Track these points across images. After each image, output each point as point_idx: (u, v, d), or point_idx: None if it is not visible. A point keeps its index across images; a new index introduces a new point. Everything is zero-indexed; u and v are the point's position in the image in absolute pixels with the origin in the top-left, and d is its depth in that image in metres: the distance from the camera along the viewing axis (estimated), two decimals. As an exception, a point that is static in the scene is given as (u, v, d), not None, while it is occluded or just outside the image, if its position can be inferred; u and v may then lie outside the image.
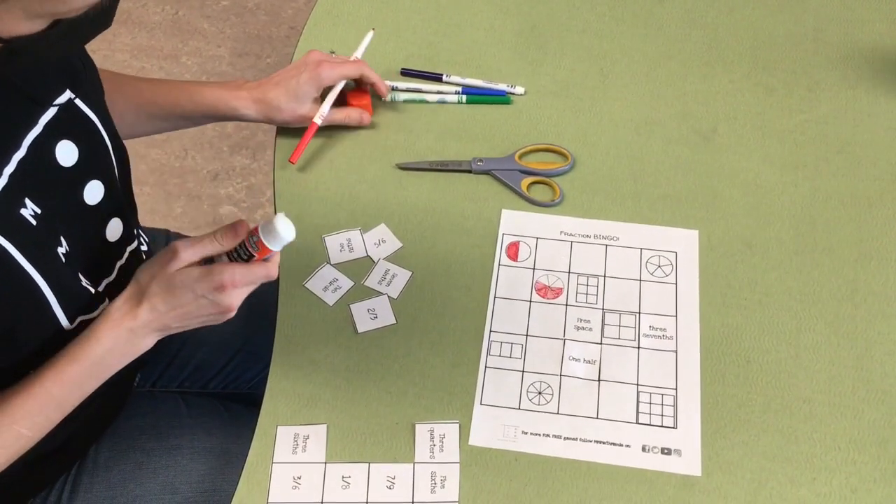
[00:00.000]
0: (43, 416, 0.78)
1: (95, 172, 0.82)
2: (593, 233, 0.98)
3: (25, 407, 0.76)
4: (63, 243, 0.77)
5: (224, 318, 0.80)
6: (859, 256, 0.95)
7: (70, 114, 0.79)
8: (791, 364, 0.88)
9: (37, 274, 0.73)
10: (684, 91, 1.11)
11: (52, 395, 0.77)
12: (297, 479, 0.82)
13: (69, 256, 0.78)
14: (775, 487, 0.80)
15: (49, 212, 0.75)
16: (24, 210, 0.73)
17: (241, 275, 0.77)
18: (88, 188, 0.81)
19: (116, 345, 0.78)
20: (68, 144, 0.78)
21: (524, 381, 0.88)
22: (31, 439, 0.78)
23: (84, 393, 0.79)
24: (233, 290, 0.77)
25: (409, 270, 0.96)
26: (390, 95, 1.09)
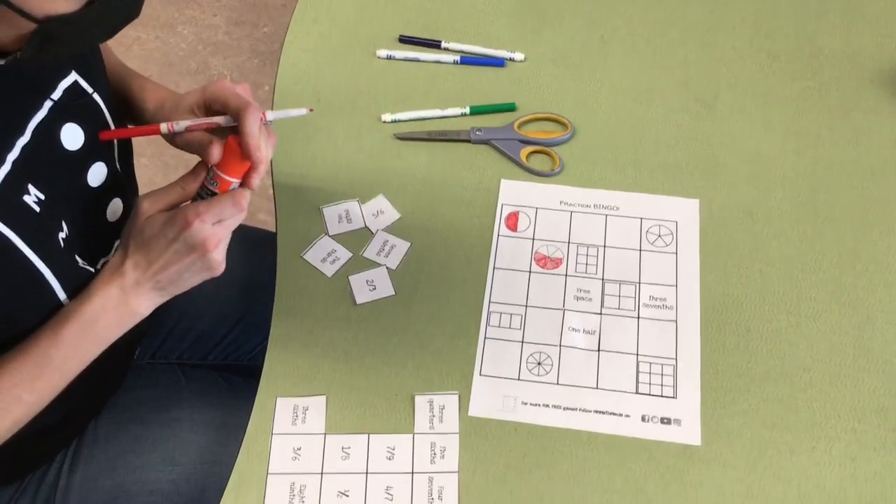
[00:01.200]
0: (43, 381, 0.77)
1: (99, 155, 0.80)
2: (593, 202, 0.97)
3: (24, 369, 0.76)
4: (63, 228, 0.76)
5: (211, 266, 0.76)
6: (861, 225, 0.94)
7: (75, 96, 0.77)
8: (791, 333, 0.87)
9: (39, 261, 0.72)
10: (685, 58, 1.09)
11: (50, 357, 0.76)
12: (297, 450, 0.82)
13: (67, 240, 0.77)
14: (775, 456, 0.80)
15: (52, 197, 0.74)
16: (28, 196, 0.71)
17: (204, 206, 0.74)
18: (92, 170, 0.80)
19: (108, 303, 0.77)
20: (74, 128, 0.76)
21: (524, 351, 0.87)
22: (32, 405, 0.77)
23: (81, 357, 0.78)
24: (201, 226, 0.73)
25: (407, 241, 0.95)
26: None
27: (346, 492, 0.80)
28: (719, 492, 0.79)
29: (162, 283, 0.77)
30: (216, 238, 0.75)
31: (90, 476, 0.91)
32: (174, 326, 1.07)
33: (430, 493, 0.79)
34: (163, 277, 0.76)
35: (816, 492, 0.78)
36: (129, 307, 0.78)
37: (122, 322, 0.78)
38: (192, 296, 1.07)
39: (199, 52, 2.27)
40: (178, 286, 0.78)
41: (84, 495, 0.90)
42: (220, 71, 2.22)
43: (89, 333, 0.77)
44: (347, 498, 0.79)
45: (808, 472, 0.79)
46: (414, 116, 1.05)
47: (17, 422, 0.77)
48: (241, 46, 2.28)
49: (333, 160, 1.02)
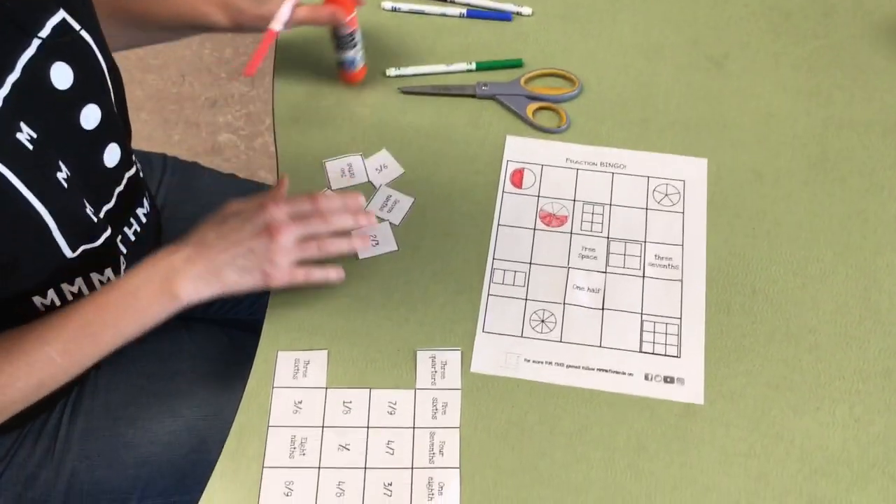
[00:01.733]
0: (75, 344, 0.76)
1: (91, 96, 0.79)
2: (600, 160, 0.96)
3: (60, 329, 0.76)
4: (62, 168, 0.75)
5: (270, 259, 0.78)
6: (871, 186, 0.93)
7: (64, 35, 0.76)
8: (797, 294, 0.87)
9: (35, 199, 0.71)
10: (696, 15, 1.07)
11: (87, 321, 0.76)
12: (298, 404, 0.81)
13: (70, 181, 0.76)
14: (777, 416, 0.80)
15: (45, 136, 0.73)
16: (20, 134, 0.71)
17: (284, 200, 0.78)
18: (85, 112, 0.79)
19: (153, 276, 0.78)
20: (63, 66, 0.75)
21: (527, 309, 0.87)
22: (61, 368, 0.76)
23: (119, 329, 0.78)
24: (275, 210, 0.77)
25: (411, 197, 0.94)
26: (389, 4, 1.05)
27: (346, 445, 0.79)
28: (721, 450, 0.78)
29: (215, 265, 0.77)
30: (286, 227, 0.77)
31: (91, 426, 0.91)
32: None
33: (432, 448, 0.79)
34: (218, 255, 0.77)
35: (819, 452, 0.78)
36: (172, 286, 0.77)
37: (161, 300, 0.78)
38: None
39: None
40: (229, 275, 0.78)
41: (84, 444, 0.90)
42: (221, 26, 2.19)
43: (129, 306, 0.77)
44: (348, 451, 0.79)
45: (811, 433, 0.79)
46: (419, 72, 1.03)
47: (42, 384, 0.77)
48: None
49: (337, 114, 1.00)
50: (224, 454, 0.79)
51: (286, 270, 0.79)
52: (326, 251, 0.81)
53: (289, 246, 0.79)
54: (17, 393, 0.76)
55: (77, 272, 0.81)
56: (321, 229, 0.80)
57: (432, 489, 0.77)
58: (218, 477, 0.78)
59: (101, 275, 0.84)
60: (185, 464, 0.92)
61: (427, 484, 0.77)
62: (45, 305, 0.79)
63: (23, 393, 0.76)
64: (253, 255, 0.78)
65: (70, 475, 0.90)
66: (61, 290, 0.80)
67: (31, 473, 0.90)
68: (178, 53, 2.15)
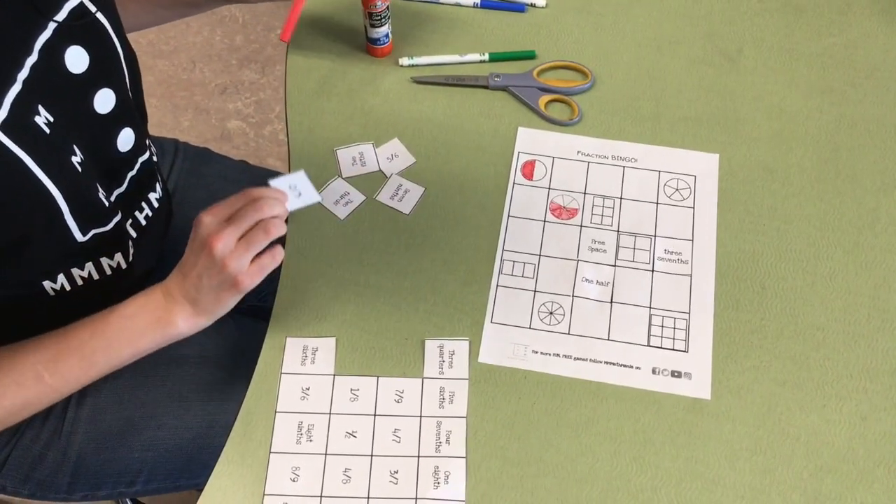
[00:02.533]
0: (67, 365, 0.76)
1: (106, 80, 0.79)
2: (611, 154, 0.96)
3: (51, 348, 0.76)
4: (77, 152, 0.76)
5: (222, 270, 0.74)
6: (882, 185, 0.93)
7: (80, 18, 0.76)
8: (807, 291, 0.87)
9: (49, 182, 0.71)
10: (710, 9, 1.07)
11: (80, 341, 0.76)
12: (306, 390, 0.82)
13: (84, 165, 0.76)
14: (784, 413, 0.80)
15: (61, 120, 0.73)
16: (38, 118, 0.71)
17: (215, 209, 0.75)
18: (99, 96, 0.79)
19: (149, 304, 0.77)
20: (78, 50, 0.75)
21: (536, 300, 0.87)
22: (50, 387, 0.76)
23: (112, 353, 0.77)
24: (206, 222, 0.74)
25: (421, 186, 0.94)
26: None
27: (353, 432, 0.80)
28: (727, 446, 0.79)
29: (191, 293, 0.76)
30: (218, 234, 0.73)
31: (98, 409, 0.92)
32: (184, 264, 1.07)
33: (438, 437, 0.79)
34: (188, 284, 0.76)
35: (825, 449, 0.78)
36: (168, 314, 0.77)
37: (157, 327, 0.77)
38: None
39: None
40: (205, 299, 0.76)
41: (91, 427, 0.91)
42: (232, 12, 2.19)
43: (125, 329, 0.77)
44: (355, 438, 0.79)
45: (818, 430, 0.79)
46: (432, 62, 1.03)
47: (29, 403, 0.76)
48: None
49: (349, 102, 1.00)
50: (231, 439, 0.80)
51: (248, 271, 0.75)
52: (273, 233, 0.76)
53: (231, 248, 0.74)
54: (2, 411, 0.75)
55: (87, 256, 0.81)
56: (257, 217, 0.75)
57: (438, 478, 0.77)
58: (225, 461, 0.78)
59: (111, 259, 0.84)
60: (191, 448, 0.92)
61: (433, 472, 0.77)
62: (55, 290, 0.79)
63: (7, 412, 0.75)
64: (210, 272, 0.75)
65: (77, 457, 0.90)
66: (71, 274, 0.80)
67: (38, 455, 0.90)
68: (189, 40, 2.15)
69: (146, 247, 0.91)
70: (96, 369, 0.77)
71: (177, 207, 1.06)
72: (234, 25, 2.17)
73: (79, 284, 0.81)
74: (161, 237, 0.99)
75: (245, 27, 2.17)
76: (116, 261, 0.85)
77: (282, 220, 0.77)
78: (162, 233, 1.00)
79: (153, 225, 0.93)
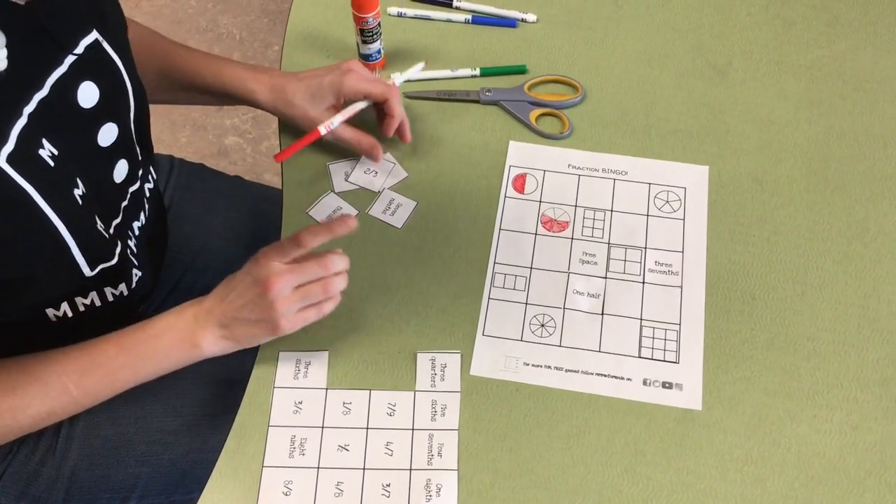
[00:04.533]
0: (92, 380, 0.78)
1: (112, 115, 0.79)
2: (602, 166, 0.97)
3: (78, 361, 0.77)
4: (79, 185, 0.75)
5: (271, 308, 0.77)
6: (871, 196, 0.94)
7: (95, 55, 0.76)
8: (797, 302, 0.87)
9: (55, 216, 0.71)
10: (700, 23, 1.08)
11: (108, 358, 0.78)
12: (299, 404, 0.82)
13: (85, 198, 0.76)
14: (775, 423, 0.80)
15: (65, 153, 0.73)
16: (42, 151, 0.70)
17: (275, 249, 0.79)
18: (103, 130, 0.79)
19: (178, 324, 0.80)
20: (90, 86, 0.75)
21: (527, 313, 0.87)
22: (74, 400, 0.78)
23: (136, 370, 0.79)
24: (268, 263, 0.78)
25: (413, 200, 0.95)
26: None
27: (346, 446, 0.80)
28: (718, 456, 0.79)
29: (226, 319, 0.79)
30: (278, 278, 0.77)
31: (92, 424, 0.92)
32: (179, 280, 1.07)
33: (430, 450, 0.79)
34: (228, 309, 0.79)
35: (816, 459, 0.78)
36: (194, 335, 0.79)
37: (183, 347, 0.80)
38: (198, 249, 1.08)
39: (209, 10, 2.25)
40: (239, 329, 0.79)
41: (86, 443, 0.91)
42: (230, 30, 2.21)
43: (151, 348, 0.79)
44: (348, 452, 0.80)
45: (809, 440, 0.79)
46: (424, 76, 1.03)
47: (54, 412, 0.78)
48: (250, 5, 2.26)
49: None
50: (224, 453, 0.80)
51: (292, 317, 0.79)
52: (332, 291, 0.80)
53: (286, 294, 0.78)
54: (28, 419, 0.77)
55: (94, 287, 0.81)
56: (321, 273, 0.79)
57: (430, 491, 0.77)
58: (218, 476, 0.79)
59: (115, 289, 0.85)
60: (185, 463, 0.92)
61: (425, 485, 0.78)
62: (57, 317, 0.80)
63: (33, 420, 0.77)
64: (256, 308, 0.78)
65: (71, 473, 0.90)
66: (74, 302, 0.81)
67: (32, 471, 0.90)
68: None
69: (145, 270, 0.91)
70: (120, 384, 0.80)
71: (172, 223, 1.06)
72: (232, 42, 2.19)
73: (81, 311, 0.82)
74: (160, 260, 1.00)
75: (242, 44, 2.19)
76: (120, 290, 0.85)
77: (343, 276, 0.81)
78: (160, 256, 1.00)
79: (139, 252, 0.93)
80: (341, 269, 0.81)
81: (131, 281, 0.86)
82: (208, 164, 1.21)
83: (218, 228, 1.10)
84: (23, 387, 0.76)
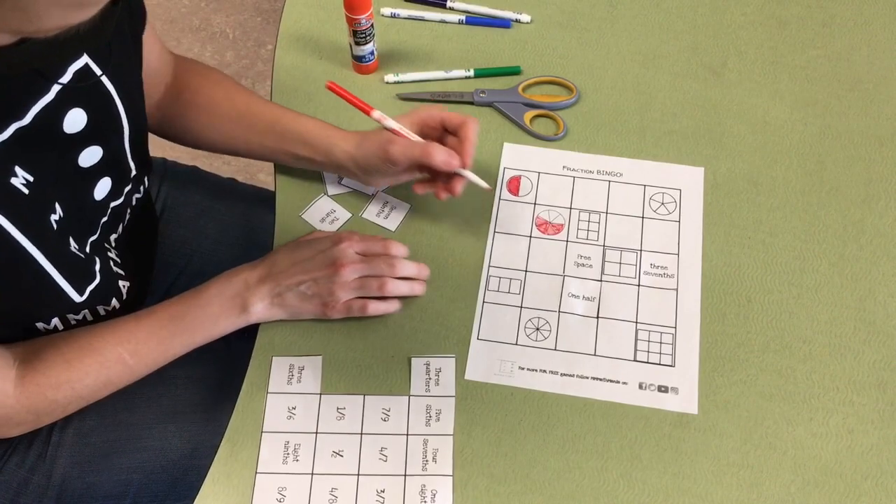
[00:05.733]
0: (146, 348, 0.80)
1: (97, 139, 0.77)
2: (596, 168, 0.96)
3: (132, 332, 0.80)
4: (57, 209, 0.74)
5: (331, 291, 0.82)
6: (867, 197, 0.93)
7: (85, 79, 0.73)
8: (792, 304, 0.87)
9: (32, 246, 0.70)
10: (694, 24, 1.07)
11: (160, 326, 0.81)
12: (292, 410, 0.81)
13: (60, 222, 0.74)
14: (771, 426, 0.80)
15: (42, 177, 0.71)
16: (15, 179, 0.68)
17: (359, 236, 0.84)
18: (86, 153, 0.77)
19: (225, 290, 0.82)
20: (78, 112, 0.73)
21: (522, 316, 0.87)
22: (130, 369, 0.80)
23: (186, 339, 0.82)
24: (347, 249, 0.83)
25: (407, 203, 0.94)
26: None
27: (340, 451, 0.79)
28: (714, 460, 0.78)
29: (281, 287, 0.82)
30: (352, 264, 0.82)
31: (82, 432, 0.91)
32: (173, 283, 1.06)
33: (425, 455, 0.79)
34: (284, 279, 0.82)
35: (812, 463, 0.78)
36: (245, 301, 0.82)
37: (232, 314, 0.82)
38: (191, 253, 1.07)
39: (202, 9, 2.24)
40: (291, 299, 0.83)
41: (76, 451, 0.90)
42: (223, 28, 2.20)
43: (200, 315, 0.82)
44: (342, 458, 0.79)
45: (805, 444, 0.79)
46: (417, 78, 1.03)
47: (110, 382, 0.80)
48: (243, 4, 2.25)
49: (334, 120, 0.99)
50: (217, 459, 0.79)
51: (343, 304, 0.83)
52: (387, 290, 0.84)
53: (349, 281, 0.83)
54: (86, 389, 0.79)
55: (84, 308, 0.80)
56: (385, 272, 0.84)
57: (425, 496, 0.77)
58: (211, 482, 0.78)
59: (108, 306, 0.84)
60: (177, 469, 0.92)
61: (420, 491, 0.77)
62: (47, 329, 0.79)
63: (91, 389, 0.79)
64: (316, 285, 0.82)
65: (62, 481, 0.89)
66: (66, 318, 0.80)
67: (23, 479, 0.89)
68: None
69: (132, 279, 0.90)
70: (172, 352, 0.82)
71: (164, 226, 1.06)
72: (225, 41, 2.18)
73: (72, 324, 0.81)
74: (148, 265, 1.00)
75: (235, 43, 2.17)
76: (112, 305, 0.85)
77: (407, 284, 0.86)
78: (148, 261, 1.00)
79: (132, 255, 0.92)
80: (408, 274, 0.85)
81: (121, 294, 0.86)
82: (202, 164, 1.20)
83: (211, 232, 1.09)
84: (78, 359, 0.77)
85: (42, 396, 0.76)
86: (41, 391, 0.76)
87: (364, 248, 0.85)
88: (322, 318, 0.84)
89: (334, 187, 0.95)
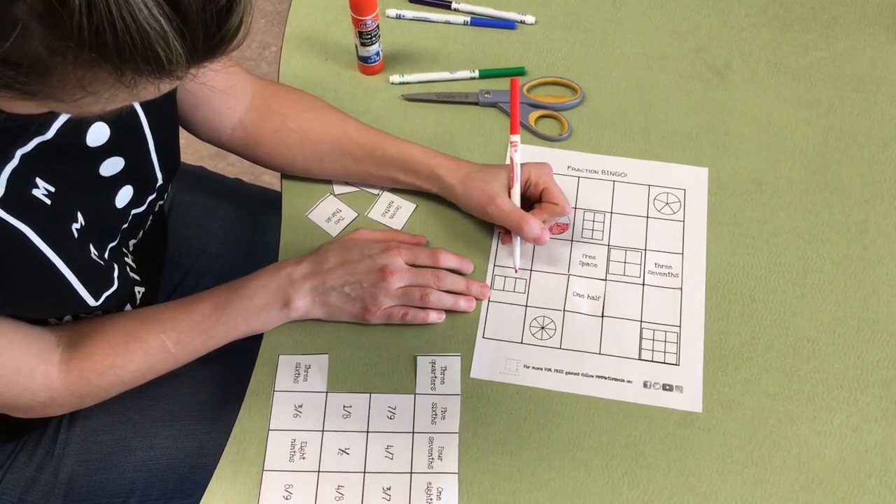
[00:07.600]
0: (189, 337, 0.81)
1: (119, 150, 0.78)
2: (601, 168, 0.97)
3: (175, 321, 0.81)
4: (78, 218, 0.75)
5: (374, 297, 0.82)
6: (871, 197, 0.94)
7: None
8: (796, 303, 0.87)
9: (53, 254, 0.71)
10: (698, 25, 1.08)
11: (204, 316, 0.81)
12: (299, 408, 0.82)
13: (82, 231, 0.75)
14: (775, 425, 0.80)
15: (63, 188, 0.72)
16: (36, 190, 0.69)
17: (407, 247, 0.84)
18: (107, 163, 0.77)
19: (269, 284, 0.82)
20: (101, 126, 0.74)
21: (527, 315, 0.87)
22: (172, 357, 0.81)
23: (230, 329, 0.82)
24: (396, 257, 0.83)
25: (413, 203, 0.94)
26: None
27: (346, 449, 0.80)
28: (719, 459, 0.79)
29: (325, 287, 0.82)
30: (399, 273, 0.83)
31: (90, 430, 0.91)
32: (179, 283, 1.07)
33: (431, 453, 0.79)
34: (329, 278, 0.82)
35: (816, 461, 0.78)
36: (287, 296, 0.82)
37: (274, 308, 0.83)
38: (198, 253, 1.07)
39: (206, 12, 2.24)
40: (334, 299, 0.83)
41: (83, 448, 0.91)
42: (227, 31, 2.20)
43: (243, 307, 0.82)
44: (348, 455, 0.79)
45: (809, 442, 0.79)
46: (422, 78, 1.03)
47: (153, 369, 0.81)
48: (248, 7, 2.25)
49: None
50: (224, 457, 0.80)
51: (384, 310, 0.84)
52: (428, 301, 0.84)
53: (394, 289, 0.83)
54: (129, 375, 0.80)
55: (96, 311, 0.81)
56: (431, 284, 0.85)
57: (431, 494, 0.77)
58: (217, 480, 0.78)
59: (121, 310, 0.84)
60: (184, 467, 0.92)
61: (426, 489, 0.78)
62: (58, 322, 0.80)
63: (134, 375, 0.80)
64: (360, 288, 0.83)
65: (69, 479, 0.90)
66: (78, 317, 0.81)
67: (30, 477, 0.90)
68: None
69: (148, 284, 0.91)
70: (214, 342, 0.83)
71: (171, 227, 1.06)
72: (229, 43, 2.18)
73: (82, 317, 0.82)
74: (160, 268, 1.00)
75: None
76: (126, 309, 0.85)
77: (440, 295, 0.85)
78: (160, 265, 1.00)
79: (149, 261, 0.93)
80: (455, 288, 0.86)
81: (136, 299, 0.86)
82: (207, 166, 1.20)
83: (217, 232, 1.09)
84: (123, 345, 0.79)
85: (86, 381, 0.78)
86: (85, 376, 0.78)
87: (412, 257, 0.86)
88: (360, 321, 0.84)
89: (340, 186, 0.96)
